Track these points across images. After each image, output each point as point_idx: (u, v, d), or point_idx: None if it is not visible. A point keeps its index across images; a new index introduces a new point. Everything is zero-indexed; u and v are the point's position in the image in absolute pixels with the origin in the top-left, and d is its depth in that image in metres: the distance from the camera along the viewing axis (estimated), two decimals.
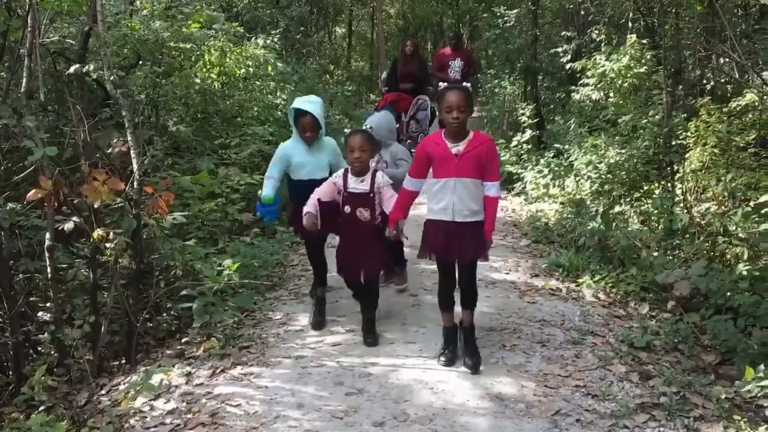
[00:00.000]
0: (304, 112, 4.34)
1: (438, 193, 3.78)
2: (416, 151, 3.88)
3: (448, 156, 3.69)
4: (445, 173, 3.71)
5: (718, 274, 4.61)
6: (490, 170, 3.74)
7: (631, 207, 6.62)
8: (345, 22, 20.96)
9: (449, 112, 3.63)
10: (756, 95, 6.53)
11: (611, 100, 8.21)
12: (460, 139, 3.69)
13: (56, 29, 5.67)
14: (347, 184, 4.08)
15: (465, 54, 10.09)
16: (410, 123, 9.30)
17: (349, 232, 4.20)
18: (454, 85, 3.78)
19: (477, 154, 3.67)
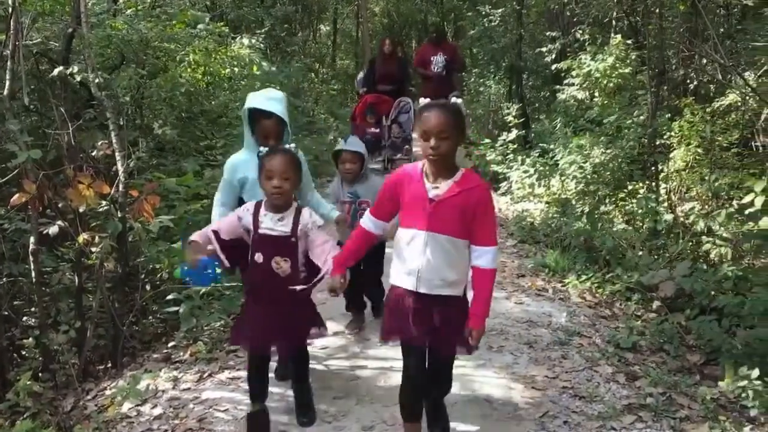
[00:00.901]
0: (265, 114, 3.26)
1: (405, 249, 2.74)
2: (385, 182, 2.89)
3: (420, 198, 2.65)
4: (414, 222, 2.68)
5: (702, 275, 4.66)
6: (483, 229, 2.67)
7: (616, 207, 6.67)
8: (330, 20, 20.93)
9: (426, 139, 2.58)
10: (738, 96, 6.60)
11: (596, 99, 8.26)
12: (442, 177, 2.65)
13: (38, 30, 5.61)
14: (259, 223, 2.95)
15: (449, 48, 9.63)
16: (392, 127, 8.96)
17: (259, 290, 3.04)
18: (434, 103, 2.66)
19: (462, 203, 2.62)
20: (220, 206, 3.45)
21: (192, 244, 2.99)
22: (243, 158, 3.40)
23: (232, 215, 3.11)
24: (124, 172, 4.34)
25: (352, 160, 3.93)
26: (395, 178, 2.80)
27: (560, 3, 10.74)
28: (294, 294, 2.98)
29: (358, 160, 3.94)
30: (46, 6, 5.61)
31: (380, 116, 9.03)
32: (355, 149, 3.95)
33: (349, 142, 3.97)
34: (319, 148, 10.92)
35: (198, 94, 7.23)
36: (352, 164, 3.94)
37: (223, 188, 3.46)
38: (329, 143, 11.71)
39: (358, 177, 4.01)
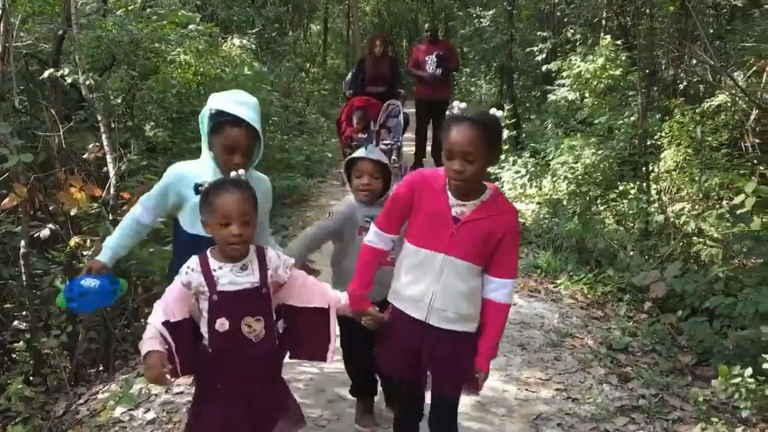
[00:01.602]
0: (234, 121, 2.51)
1: (414, 268, 2.38)
2: (399, 186, 2.46)
3: (442, 215, 2.31)
4: (430, 241, 2.33)
5: (693, 276, 4.69)
6: (506, 259, 2.33)
7: (607, 207, 6.69)
8: (320, 19, 20.91)
9: (449, 158, 2.21)
10: (728, 97, 6.63)
11: (587, 100, 8.29)
12: (468, 196, 2.30)
13: (28, 31, 5.57)
14: (215, 279, 2.25)
15: (443, 47, 9.20)
16: (380, 132, 8.41)
17: (223, 369, 2.31)
18: (467, 114, 2.19)
19: (488, 228, 2.28)
20: (140, 209, 2.71)
21: (151, 357, 2.14)
22: (196, 170, 2.61)
23: (174, 285, 2.28)
24: (115, 174, 4.31)
25: (372, 173, 2.91)
26: (412, 184, 2.39)
27: (551, 3, 10.77)
28: (272, 361, 2.40)
29: (381, 175, 2.93)
30: (36, 7, 5.57)
31: (368, 121, 8.53)
32: (379, 158, 2.93)
33: (371, 149, 3.01)
34: (311, 149, 10.92)
35: (189, 94, 7.19)
36: (372, 179, 2.90)
37: (155, 194, 2.69)
38: (320, 143, 11.71)
39: (379, 198, 2.93)
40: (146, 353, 2.16)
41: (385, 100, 8.36)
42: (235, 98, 2.59)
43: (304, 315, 2.43)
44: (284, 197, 8.44)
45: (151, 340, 2.18)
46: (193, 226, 2.59)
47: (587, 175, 7.09)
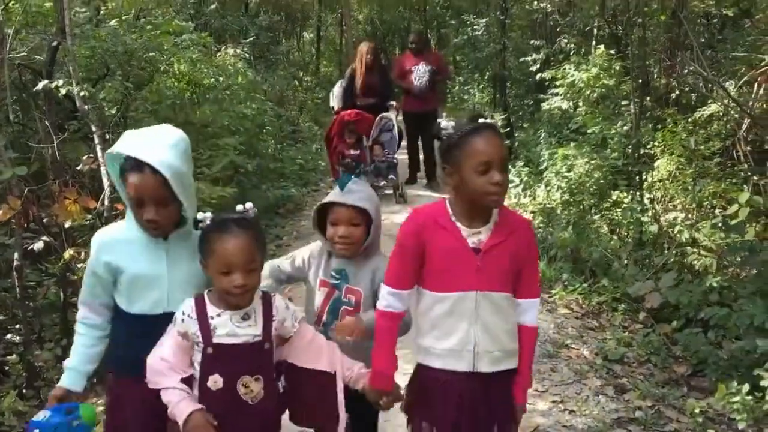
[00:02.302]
0: (136, 165, 2.02)
1: (444, 318, 2.10)
2: (401, 234, 2.15)
3: (460, 249, 2.06)
4: (455, 282, 2.07)
5: (687, 286, 4.70)
6: (529, 277, 2.15)
7: (601, 217, 6.71)
8: (313, 27, 20.94)
9: (484, 172, 1.96)
10: (719, 106, 6.67)
11: (580, 109, 8.32)
12: (479, 218, 2.08)
13: (22, 41, 5.55)
14: (211, 329, 1.99)
15: (432, 57, 8.80)
16: (374, 148, 8.08)
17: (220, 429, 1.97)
18: (484, 123, 2.01)
19: (511, 249, 2.08)
20: (84, 310, 2.19)
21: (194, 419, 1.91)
22: (120, 235, 2.15)
23: (170, 339, 2.01)
24: (109, 186, 4.29)
25: (351, 221, 2.34)
26: (415, 225, 2.12)
27: (543, 13, 10.82)
28: (270, 426, 2.11)
29: (363, 223, 2.37)
30: (30, 18, 5.55)
31: (360, 136, 8.06)
32: (361, 205, 2.35)
33: (349, 188, 2.37)
34: (305, 157, 10.91)
35: (183, 104, 7.19)
36: (351, 228, 2.35)
37: (88, 284, 2.18)
38: (314, 152, 11.71)
39: (357, 250, 2.40)
40: (188, 415, 1.91)
41: (376, 112, 8.02)
42: (145, 136, 2.08)
43: (309, 377, 2.15)
44: (278, 207, 8.43)
45: (185, 401, 1.94)
46: (132, 303, 2.12)
47: (581, 185, 7.11)
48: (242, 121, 8.21)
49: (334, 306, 2.40)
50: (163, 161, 1.98)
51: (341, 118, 7.96)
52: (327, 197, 2.41)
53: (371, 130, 7.97)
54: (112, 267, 2.11)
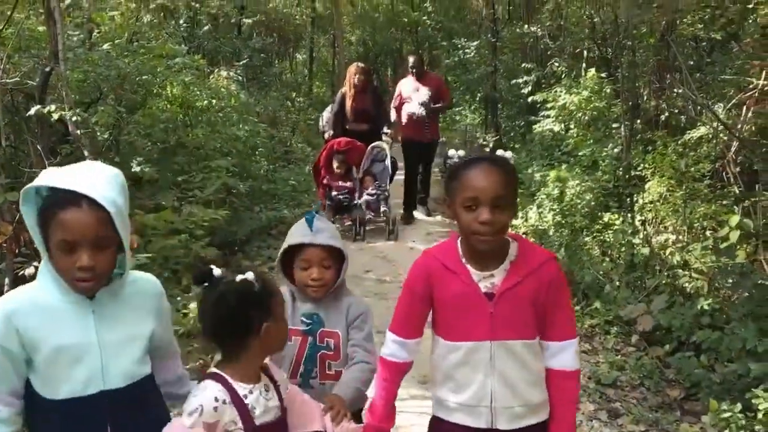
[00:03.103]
0: (70, 197, 1.62)
1: (458, 368, 1.93)
2: (409, 278, 2.01)
3: (471, 295, 1.88)
4: (468, 331, 1.90)
5: (679, 309, 4.71)
6: (559, 317, 1.93)
7: (593, 238, 6.74)
8: (306, 48, 21.09)
9: (471, 208, 1.81)
10: (708, 129, 6.73)
11: (571, 131, 8.38)
12: (493, 258, 1.90)
13: (15, 65, 5.56)
14: (250, 410, 1.73)
15: (432, 82, 8.21)
16: (365, 180, 7.62)
17: None
18: (481, 156, 1.92)
19: (531, 291, 1.88)
20: None
21: None
22: (29, 300, 1.69)
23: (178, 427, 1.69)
24: None
25: (322, 262, 2.20)
26: (424, 268, 1.96)
27: (534, 37, 10.93)
28: None
29: (333, 264, 2.23)
30: (24, 42, 5.57)
31: (350, 166, 7.65)
32: (333, 243, 2.21)
33: (317, 227, 2.21)
34: (297, 179, 10.91)
35: (176, 127, 7.20)
36: (323, 270, 2.20)
37: None
38: (306, 173, 11.72)
39: (328, 290, 2.24)
40: None
41: (369, 139, 7.56)
42: (76, 170, 1.70)
43: None
44: (270, 228, 8.42)
45: None
46: (57, 386, 1.67)
47: (572, 206, 7.14)
48: (235, 142, 8.22)
49: (311, 352, 2.21)
50: (105, 195, 1.62)
51: (330, 147, 7.51)
52: (293, 237, 2.22)
53: (362, 161, 7.55)
54: (27, 341, 1.65)
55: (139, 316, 1.80)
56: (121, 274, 1.76)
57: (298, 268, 2.22)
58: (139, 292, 1.82)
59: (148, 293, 1.85)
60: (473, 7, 15.51)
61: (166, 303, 1.92)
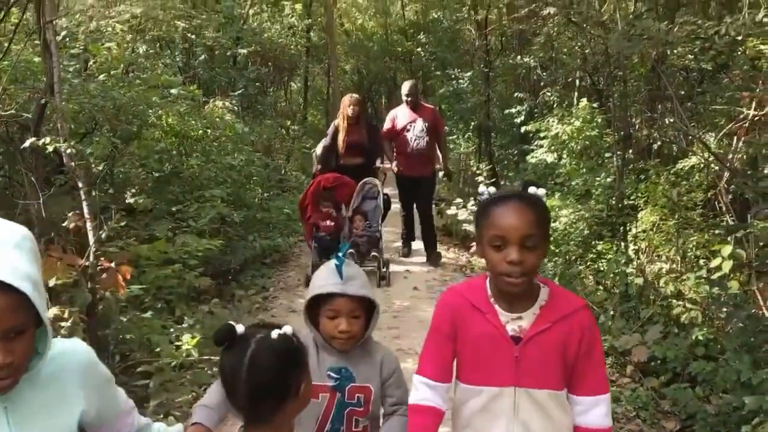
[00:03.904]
0: None
1: (479, 415, 1.84)
2: (435, 317, 1.92)
3: (496, 338, 1.80)
4: (491, 375, 1.81)
5: (674, 339, 4.71)
6: (591, 370, 1.82)
7: (586, 267, 6.75)
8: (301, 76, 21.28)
9: (499, 248, 1.72)
10: (698, 159, 6.79)
11: (564, 161, 8.44)
12: (522, 300, 1.81)
13: (10, 96, 5.59)
14: None
15: (428, 113, 7.62)
16: (354, 219, 7.00)
17: None
18: (509, 192, 1.89)
19: (560, 339, 1.78)
20: None
21: None
22: None
23: None
24: (95, 242, 4.28)
25: (353, 313, 2.03)
26: (447, 307, 1.88)
27: (527, 68, 11.06)
28: None
29: (363, 314, 2.07)
30: (20, 74, 5.60)
31: (338, 203, 7.11)
32: (364, 293, 2.04)
33: (348, 274, 2.03)
34: (291, 207, 10.93)
35: (171, 157, 7.22)
36: (353, 321, 2.03)
37: None
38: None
39: (356, 343, 2.09)
40: None
41: (361, 175, 7.04)
42: None
43: None
44: (264, 257, 8.42)
45: None
46: None
47: (566, 235, 7.17)
48: (229, 171, 8.25)
49: (339, 410, 2.05)
50: (16, 270, 1.26)
51: (317, 183, 6.99)
52: (322, 286, 2.03)
53: (352, 198, 6.96)
54: None
55: (63, 399, 1.45)
56: (40, 354, 1.38)
57: (325, 317, 2.04)
58: (63, 370, 1.45)
59: (72, 370, 1.47)
60: (466, 37, 15.68)
61: (99, 371, 1.56)
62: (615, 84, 8.21)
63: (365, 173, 7.13)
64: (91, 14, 7.29)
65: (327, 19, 19.79)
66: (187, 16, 8.14)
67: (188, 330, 4.95)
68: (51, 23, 4.57)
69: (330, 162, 7.29)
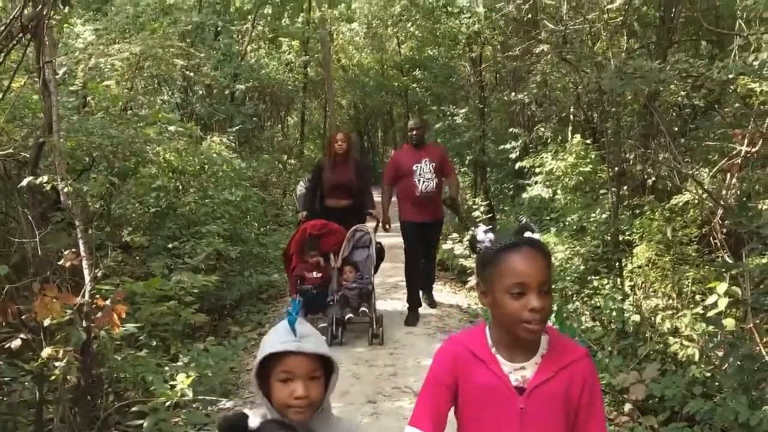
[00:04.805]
0: None
1: None
2: (435, 365, 1.84)
3: (500, 388, 1.75)
4: (497, 426, 1.76)
5: (671, 377, 4.69)
6: (590, 420, 1.78)
7: (583, 303, 6.75)
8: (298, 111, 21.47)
9: (518, 297, 1.68)
10: (692, 195, 6.84)
11: (559, 196, 8.49)
12: (525, 353, 1.77)
13: (8, 133, 5.62)
14: None
15: (436, 152, 6.93)
16: (344, 270, 6.34)
17: None
18: (522, 239, 1.75)
19: (563, 388, 1.75)
20: None
21: None
22: None
23: None
24: (91, 281, 4.27)
25: (310, 373, 1.76)
26: (448, 355, 1.81)
27: (521, 104, 11.18)
28: None
29: (322, 376, 1.80)
30: (18, 112, 5.65)
31: (326, 253, 6.45)
32: (323, 352, 1.79)
33: (302, 332, 1.77)
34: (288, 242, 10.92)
35: (168, 192, 7.25)
36: (308, 385, 1.75)
37: None
38: None
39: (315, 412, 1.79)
40: None
41: (348, 218, 6.44)
42: None
43: None
44: (260, 292, 8.40)
45: None
46: None
47: (562, 271, 7.18)
48: (226, 206, 8.28)
49: None
50: None
51: (303, 231, 6.38)
52: (273, 344, 1.75)
53: (341, 247, 6.36)
54: None
55: None
56: None
57: (278, 381, 1.74)
58: None
59: None
60: (461, 73, 15.87)
61: None
62: (608, 120, 8.32)
63: (353, 217, 6.53)
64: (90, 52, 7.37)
65: (324, 55, 20.04)
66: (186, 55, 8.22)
67: (183, 369, 4.91)
68: (50, 62, 4.62)
69: (313, 203, 6.71)
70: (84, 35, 7.77)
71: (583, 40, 8.64)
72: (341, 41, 25.80)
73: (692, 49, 9.54)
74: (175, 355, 5.54)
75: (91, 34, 7.91)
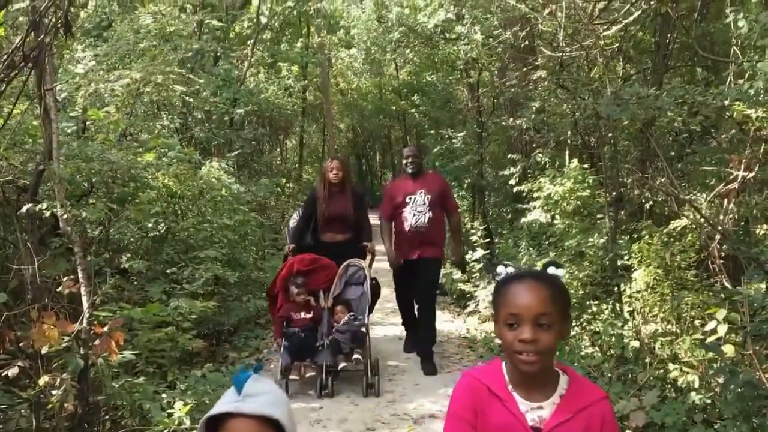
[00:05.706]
0: None
1: None
2: (455, 403, 1.80)
3: (517, 426, 1.72)
4: None
5: (672, 404, 4.66)
6: None
7: (582, 329, 6.73)
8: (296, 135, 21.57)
9: (512, 327, 1.70)
10: (689, 220, 6.86)
11: (557, 221, 8.51)
12: (541, 387, 1.75)
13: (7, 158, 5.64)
14: None
15: (434, 183, 6.28)
16: (335, 310, 5.74)
17: None
18: (526, 271, 1.80)
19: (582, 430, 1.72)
20: None
21: None
22: None
23: None
24: (89, 308, 4.26)
25: None
26: (467, 391, 1.78)
27: (519, 130, 11.25)
28: None
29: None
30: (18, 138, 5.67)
31: (315, 291, 5.85)
32: (267, 413, 1.55)
33: (248, 390, 1.57)
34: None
35: (166, 217, 7.25)
36: None
37: None
38: None
39: None
40: None
41: (345, 254, 5.86)
42: None
43: None
44: (258, 317, 8.37)
45: None
46: None
47: None
48: (225, 231, 8.27)
49: None
50: None
51: (290, 266, 5.79)
52: (216, 405, 1.59)
53: (332, 284, 5.80)
54: None
55: None
56: None
57: None
58: None
59: None
60: (459, 98, 16.00)
61: None
62: (605, 145, 8.37)
63: (350, 252, 5.93)
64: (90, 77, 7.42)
65: (322, 80, 20.19)
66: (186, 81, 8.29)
67: (180, 396, 4.89)
68: (51, 90, 4.66)
69: (305, 237, 6.10)
70: (84, 61, 7.83)
71: (580, 66, 8.72)
72: (340, 66, 26.01)
73: (688, 74, 9.62)
74: (172, 381, 5.50)
75: (91, 59, 7.96)
